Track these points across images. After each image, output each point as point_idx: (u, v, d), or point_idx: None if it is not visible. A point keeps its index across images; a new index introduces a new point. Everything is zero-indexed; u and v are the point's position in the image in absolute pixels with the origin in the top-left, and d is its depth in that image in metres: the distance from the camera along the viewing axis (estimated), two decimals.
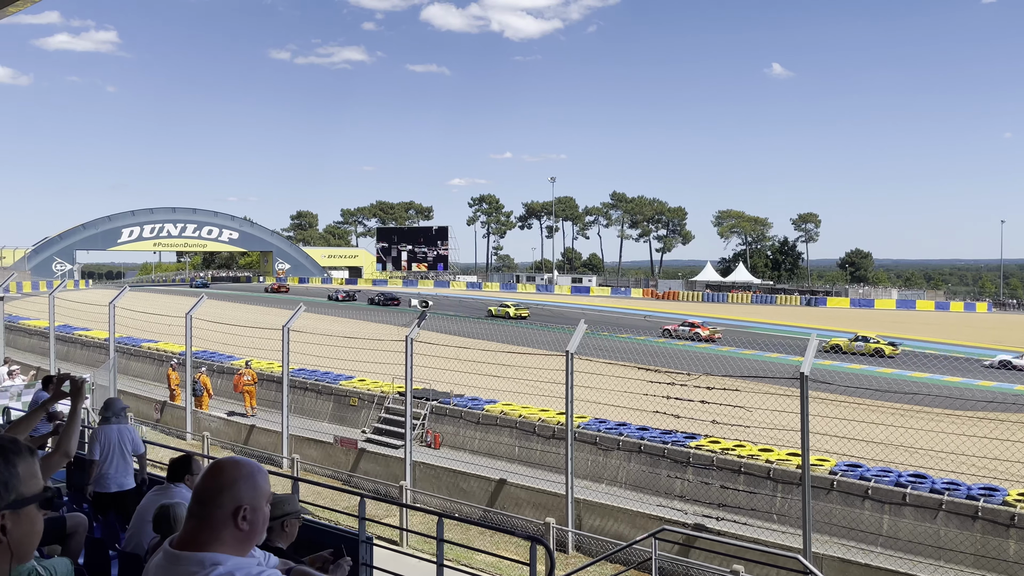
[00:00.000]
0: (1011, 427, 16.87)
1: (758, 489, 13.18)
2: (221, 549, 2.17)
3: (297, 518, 4.10)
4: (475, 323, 30.93)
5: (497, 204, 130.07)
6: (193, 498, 2.24)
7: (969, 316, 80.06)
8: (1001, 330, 57.56)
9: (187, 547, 2.18)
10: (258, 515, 2.23)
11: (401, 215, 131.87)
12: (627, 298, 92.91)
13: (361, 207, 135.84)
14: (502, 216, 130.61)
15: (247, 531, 2.20)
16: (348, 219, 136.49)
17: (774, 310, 76.78)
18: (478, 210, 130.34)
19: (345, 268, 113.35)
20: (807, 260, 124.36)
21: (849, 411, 15.89)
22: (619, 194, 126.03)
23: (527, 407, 17.57)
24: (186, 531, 2.22)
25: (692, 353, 26.59)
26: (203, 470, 2.35)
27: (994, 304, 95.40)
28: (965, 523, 11.31)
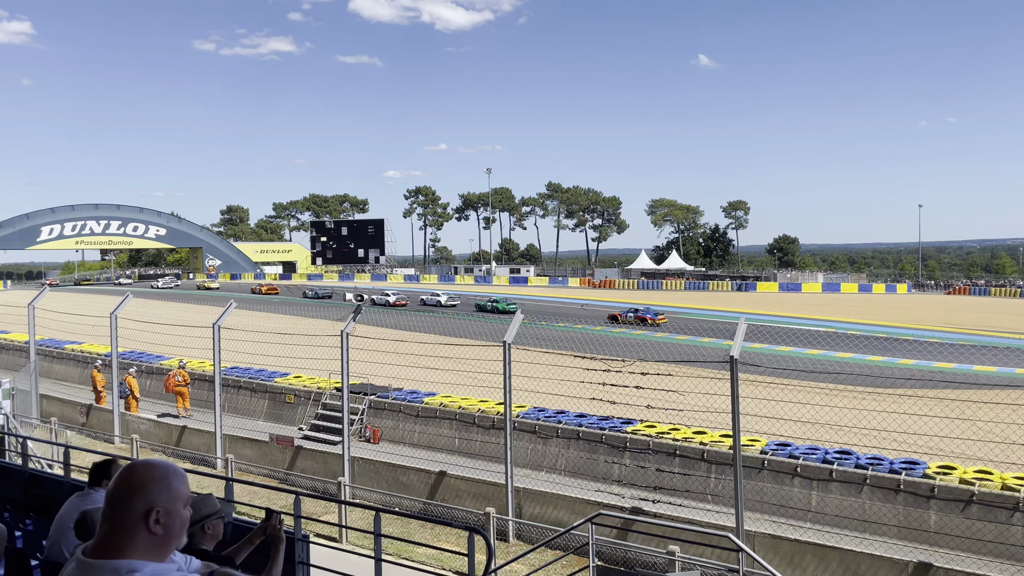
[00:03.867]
0: (929, 403, 17.64)
1: (693, 471, 13.46)
2: (136, 555, 2.10)
3: (220, 518, 4.01)
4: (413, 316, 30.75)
5: (433, 196, 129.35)
6: (105, 503, 2.17)
7: (891, 297, 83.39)
8: (922, 310, 60.10)
9: (100, 554, 2.11)
10: (173, 518, 2.17)
11: (335, 208, 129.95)
12: (565, 287, 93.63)
13: (294, 201, 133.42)
14: (439, 208, 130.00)
15: (162, 535, 2.14)
16: (281, 213, 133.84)
17: (707, 296, 78.51)
18: (414, 202, 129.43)
19: (279, 263, 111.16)
20: (737, 246, 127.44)
21: (778, 392, 16.38)
22: (555, 184, 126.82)
23: (467, 398, 17.56)
24: (99, 537, 2.14)
25: (627, 340, 26.98)
26: (116, 474, 2.27)
27: (914, 285, 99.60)
28: (888, 496, 11.77)
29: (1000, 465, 12.10)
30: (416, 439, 17.24)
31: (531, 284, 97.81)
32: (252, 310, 37.41)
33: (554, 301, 63.57)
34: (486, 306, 52.47)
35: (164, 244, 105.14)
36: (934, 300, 78.32)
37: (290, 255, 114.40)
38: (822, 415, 15.19)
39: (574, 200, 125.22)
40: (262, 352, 20.02)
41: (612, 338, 29.47)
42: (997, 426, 14.96)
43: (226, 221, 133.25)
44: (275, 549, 3.82)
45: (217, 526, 3.99)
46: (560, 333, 29.20)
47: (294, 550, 6.43)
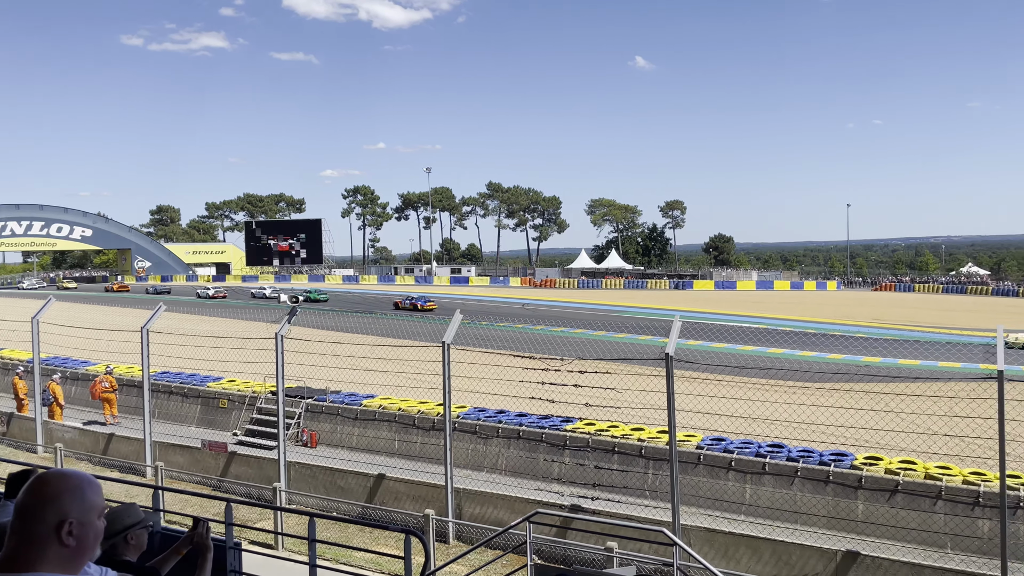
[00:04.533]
0: (857, 396, 18.29)
1: (631, 467, 13.63)
2: (46, 568, 2.01)
3: (144, 528, 3.88)
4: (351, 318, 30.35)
5: (372, 195, 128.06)
6: (14, 514, 2.07)
7: (821, 294, 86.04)
8: (850, 306, 62.18)
9: (9, 568, 2.01)
10: (87, 529, 2.09)
11: (271, 208, 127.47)
12: (506, 287, 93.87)
13: (228, 200, 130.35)
14: (378, 208, 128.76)
15: (75, 547, 2.06)
16: (214, 213, 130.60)
17: (645, 294, 79.72)
18: (352, 202, 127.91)
19: (212, 264, 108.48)
20: (674, 245, 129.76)
21: (714, 388, 16.72)
22: (495, 184, 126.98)
23: (406, 400, 17.43)
24: (7, 550, 2.04)
25: (566, 338, 27.18)
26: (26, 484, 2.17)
27: (843, 282, 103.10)
28: (818, 487, 12.12)
29: (923, 455, 12.57)
30: (355, 442, 17.03)
31: (472, 284, 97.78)
32: (185, 313, 36.41)
33: (495, 301, 63.65)
34: (308, 296, 63.17)
35: (90, 245, 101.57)
36: (862, 296, 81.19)
37: (224, 256, 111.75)
38: (756, 410, 15.57)
39: (515, 200, 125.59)
40: (194, 356, 19.47)
41: (551, 336, 29.65)
42: (920, 417, 15.56)
43: (156, 221, 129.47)
44: (202, 558, 3.73)
45: (141, 536, 3.86)
46: (501, 333, 29.24)
47: (225, 558, 6.27)
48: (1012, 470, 10.75)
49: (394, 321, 34.91)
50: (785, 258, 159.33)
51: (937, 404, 15.72)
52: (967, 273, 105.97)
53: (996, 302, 72.72)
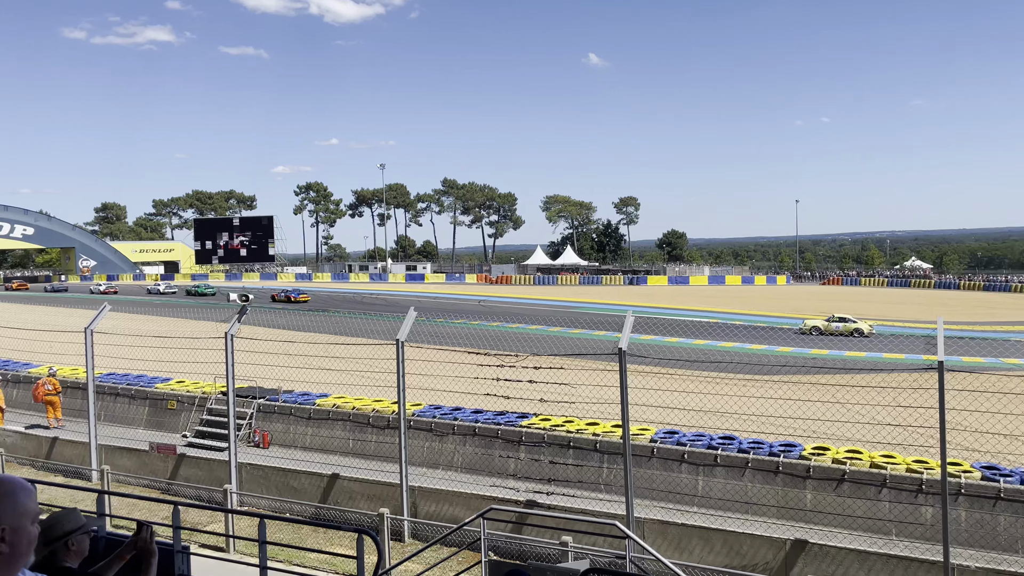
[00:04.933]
0: (805, 388, 18.66)
1: (586, 462, 13.73)
2: None
3: (86, 533, 3.78)
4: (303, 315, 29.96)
5: (325, 192, 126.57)
6: None
7: (771, 288, 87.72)
8: (799, 300, 63.51)
9: None
10: (20, 536, 2.03)
11: (221, 205, 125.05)
12: (462, 284, 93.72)
13: (176, 197, 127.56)
14: (331, 204, 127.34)
15: (7, 554, 2.00)
16: (161, 210, 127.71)
17: (600, 290, 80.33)
18: (305, 198, 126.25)
19: (160, 263, 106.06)
20: (629, 242, 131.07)
21: (667, 382, 16.90)
22: (450, 180, 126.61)
23: (361, 399, 17.27)
24: None
25: (522, 335, 27.27)
26: None
27: (792, 277, 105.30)
28: (768, 478, 12.36)
29: (869, 445, 12.89)
30: (308, 442, 16.82)
31: (428, 281, 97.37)
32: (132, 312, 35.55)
33: (451, 298, 63.48)
34: (191, 291, 67.91)
35: (32, 244, 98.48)
36: (810, 290, 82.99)
37: (172, 254, 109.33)
38: (708, 403, 15.80)
39: (470, 196, 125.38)
40: (141, 357, 19.01)
41: (508, 333, 29.70)
42: (866, 408, 15.99)
43: (101, 219, 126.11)
44: (147, 563, 3.66)
45: (83, 542, 3.75)
46: (456, 330, 29.15)
47: (173, 563, 6.14)
48: (953, 458, 11.10)
49: (348, 319, 34.58)
50: (736, 253, 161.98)
51: (882, 395, 16.19)
52: (911, 267, 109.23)
53: (938, 295, 75.09)
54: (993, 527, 10.80)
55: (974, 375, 12.77)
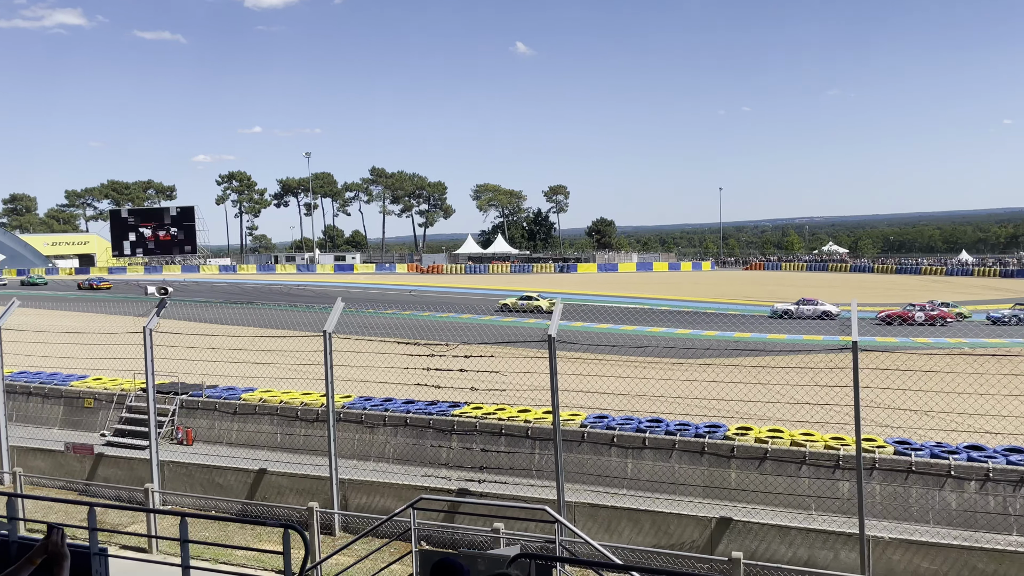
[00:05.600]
0: (729, 370, 19.20)
1: (518, 448, 13.80)
2: None
3: None
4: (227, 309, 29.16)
5: (249, 181, 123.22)
6: None
7: (696, 274, 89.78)
8: (723, 285, 65.19)
9: None
10: None
11: (138, 195, 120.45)
12: (392, 274, 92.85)
13: (90, 188, 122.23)
14: (255, 194, 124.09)
15: None
16: (75, 201, 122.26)
17: (531, 278, 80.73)
18: (228, 188, 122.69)
19: (74, 256, 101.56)
20: (559, 230, 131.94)
21: (597, 367, 17.12)
22: (379, 169, 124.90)
23: (288, 392, 16.94)
24: None
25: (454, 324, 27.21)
26: None
27: (717, 263, 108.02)
28: (695, 458, 12.67)
29: (789, 423, 13.35)
30: (234, 438, 16.42)
31: (357, 272, 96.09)
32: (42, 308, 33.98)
33: (381, 288, 62.82)
34: (25, 281, 69.55)
35: None
36: (734, 275, 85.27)
37: (87, 247, 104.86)
38: (637, 387, 16.08)
39: (399, 185, 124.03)
40: (55, 354, 18.21)
41: (440, 323, 29.56)
42: (786, 388, 16.52)
43: (10, 211, 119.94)
44: (58, 567, 3.52)
45: None
46: (387, 320, 28.90)
47: (89, 566, 5.90)
48: (868, 434, 11.59)
49: (274, 311, 33.83)
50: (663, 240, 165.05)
51: (801, 375, 16.73)
52: (828, 251, 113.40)
53: (853, 278, 78.19)
54: (905, 499, 11.33)
55: (887, 354, 13.36)
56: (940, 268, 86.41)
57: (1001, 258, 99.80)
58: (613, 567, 6.69)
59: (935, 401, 12.55)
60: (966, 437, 12.76)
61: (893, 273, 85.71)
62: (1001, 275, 79.26)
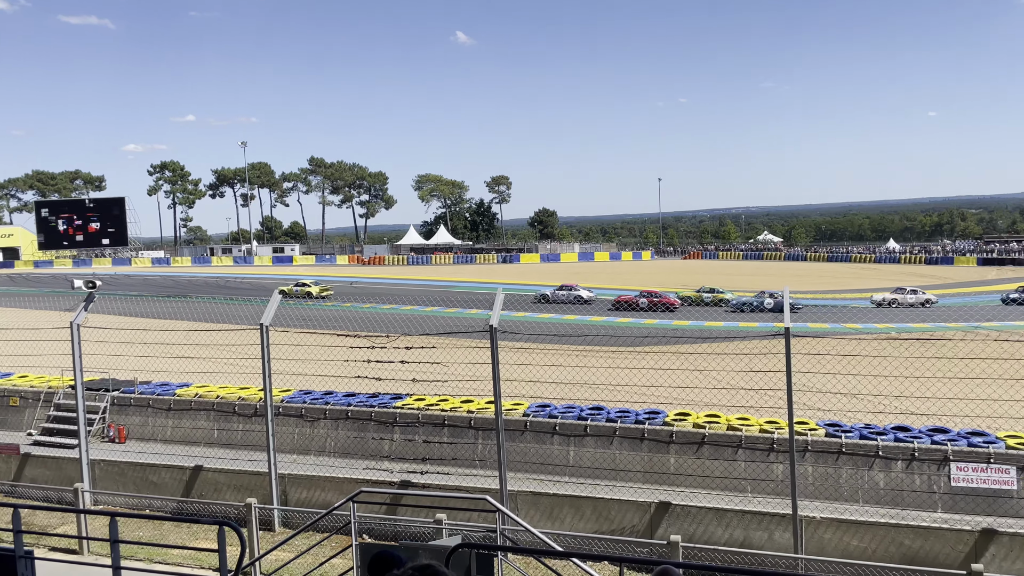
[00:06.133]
0: (668, 357, 19.52)
1: (461, 439, 13.78)
2: None
3: None
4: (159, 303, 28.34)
5: (182, 172, 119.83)
6: None
7: (637, 263, 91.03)
8: (663, 274, 66.25)
9: None
10: None
11: (65, 186, 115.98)
12: (332, 265, 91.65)
13: (14, 178, 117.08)
14: (189, 185, 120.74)
15: None
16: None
17: (474, 269, 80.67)
18: (160, 178, 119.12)
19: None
20: (501, 220, 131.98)
21: (539, 356, 17.20)
22: (318, 159, 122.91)
23: (226, 387, 16.57)
24: None
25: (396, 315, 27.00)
26: None
27: (656, 252, 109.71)
28: (635, 445, 12.84)
29: (726, 408, 13.65)
30: (169, 435, 15.98)
31: (297, 263, 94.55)
32: None
33: (322, 280, 61.91)
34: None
35: None
36: (673, 264, 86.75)
37: (11, 240, 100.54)
38: (578, 375, 16.25)
39: (339, 175, 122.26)
40: None
41: (382, 314, 29.30)
42: (723, 374, 16.90)
43: None
44: None
45: None
46: (327, 312, 28.52)
47: (15, 568, 5.68)
48: (800, 417, 11.95)
49: (209, 304, 32.99)
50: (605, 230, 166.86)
51: (737, 361, 17.16)
52: (763, 241, 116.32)
53: (787, 266, 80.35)
54: (836, 479, 11.71)
55: (818, 339, 13.76)
56: (869, 256, 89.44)
57: (926, 246, 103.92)
58: (553, 554, 6.76)
59: (864, 384, 12.99)
60: (893, 419, 13.25)
61: (825, 261, 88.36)
62: (926, 262, 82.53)
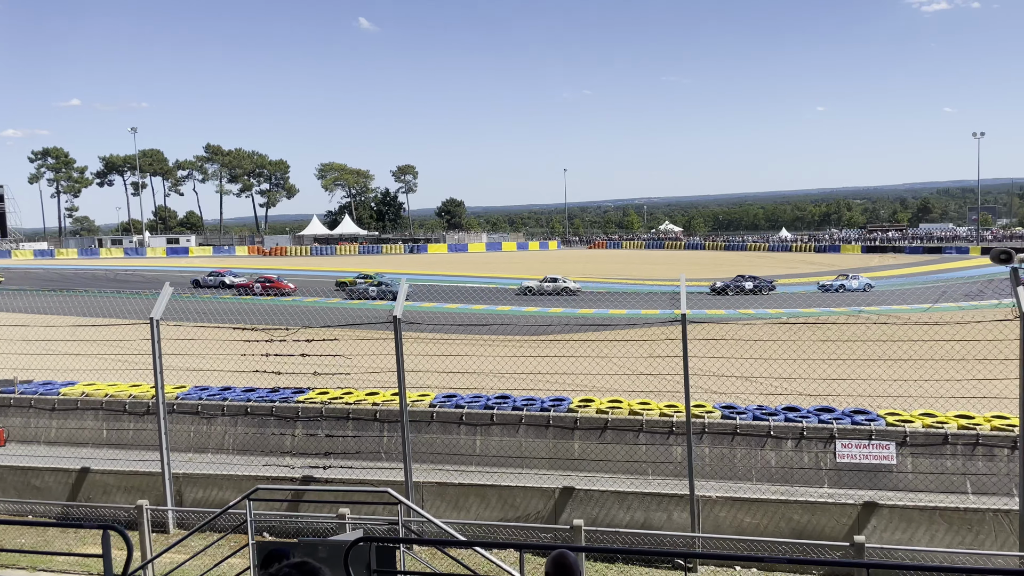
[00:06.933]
0: (574, 345, 19.85)
1: (367, 432, 13.59)
2: None
3: None
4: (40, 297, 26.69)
5: (67, 159, 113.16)
6: None
7: (544, 253, 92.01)
8: (569, 263, 67.18)
9: None
10: None
11: None
12: (232, 256, 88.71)
13: None
14: (74, 172, 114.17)
15: None
16: None
17: (381, 259, 79.70)
18: (42, 166, 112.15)
19: None
20: (408, 210, 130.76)
21: (446, 347, 17.19)
22: (214, 146, 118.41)
23: (115, 384, 15.78)
24: None
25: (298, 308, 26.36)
26: None
27: (563, 242, 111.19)
28: (540, 432, 12.98)
29: (628, 394, 13.97)
30: (54, 436, 15.11)
31: (193, 255, 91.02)
32: None
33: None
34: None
35: None
36: (579, 254, 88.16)
37: None
38: (485, 365, 16.28)
39: (237, 163, 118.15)
40: None
41: (283, 307, 28.57)
42: (625, 360, 17.30)
43: None
44: None
45: None
46: (224, 306, 27.52)
47: None
48: (698, 400, 12.35)
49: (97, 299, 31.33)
50: (512, 220, 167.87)
51: (639, 347, 17.58)
52: (664, 230, 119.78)
53: (687, 255, 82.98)
54: (731, 459, 12.17)
55: (713, 324, 14.26)
56: (763, 244, 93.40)
57: (815, 235, 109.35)
58: (456, 544, 6.75)
59: (757, 367, 13.56)
60: (784, 400, 13.88)
61: (722, 249, 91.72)
62: (815, 250, 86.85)
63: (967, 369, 12.00)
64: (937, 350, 12.04)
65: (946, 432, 11.07)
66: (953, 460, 10.95)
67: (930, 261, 67.81)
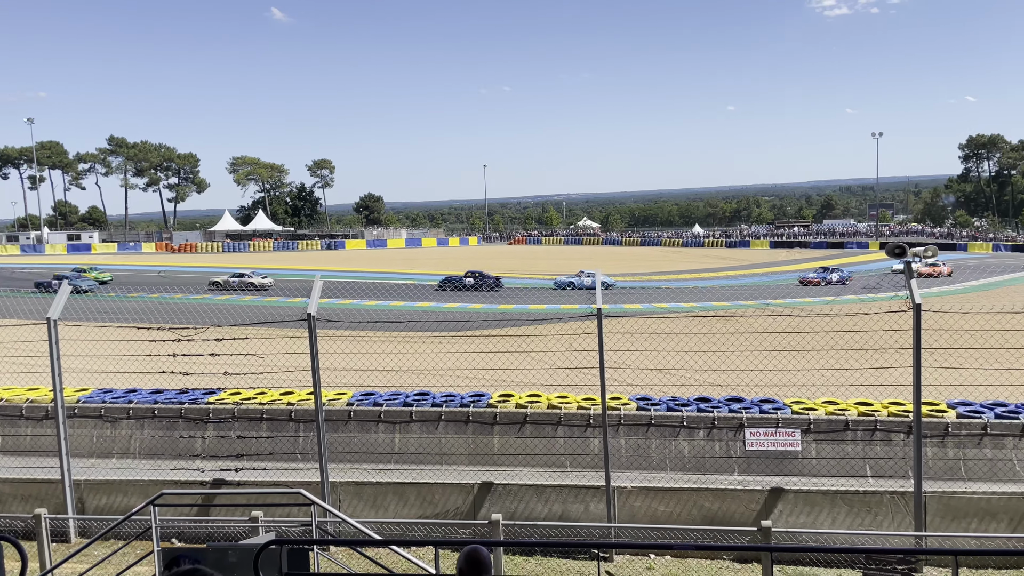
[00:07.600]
0: (494, 340, 19.91)
1: (282, 432, 13.28)
2: None
3: None
4: None
5: None
6: None
7: (464, 249, 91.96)
8: (489, 259, 67.29)
9: None
10: None
11: None
12: (138, 253, 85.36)
13: None
14: None
15: None
16: None
17: (296, 256, 78.04)
18: None
19: None
20: (325, 205, 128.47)
21: (363, 344, 16.90)
22: (118, 139, 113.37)
23: (11, 388, 14.94)
24: None
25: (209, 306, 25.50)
26: None
27: (483, 237, 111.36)
28: (460, 428, 12.96)
29: (547, 388, 14.10)
30: None
31: (96, 252, 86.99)
32: None
33: (125, 269, 57.42)
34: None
35: None
36: (499, 250, 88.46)
37: None
38: (404, 361, 16.17)
39: (143, 156, 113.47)
40: None
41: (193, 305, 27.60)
42: (544, 354, 17.48)
43: None
44: None
45: None
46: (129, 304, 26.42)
47: None
48: (614, 393, 12.57)
49: None
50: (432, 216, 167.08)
51: (558, 341, 17.77)
52: (583, 226, 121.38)
53: (604, 250, 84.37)
54: (647, 450, 12.44)
55: (629, 318, 14.54)
56: (678, 240, 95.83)
57: (726, 231, 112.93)
58: (372, 543, 6.68)
59: (671, 360, 13.88)
60: (696, 391, 14.27)
61: (639, 245, 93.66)
62: (726, 245, 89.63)
63: (866, 358, 12.62)
64: (839, 340, 12.60)
65: (847, 419, 11.60)
66: (854, 445, 11.48)
67: (833, 255, 70.95)
